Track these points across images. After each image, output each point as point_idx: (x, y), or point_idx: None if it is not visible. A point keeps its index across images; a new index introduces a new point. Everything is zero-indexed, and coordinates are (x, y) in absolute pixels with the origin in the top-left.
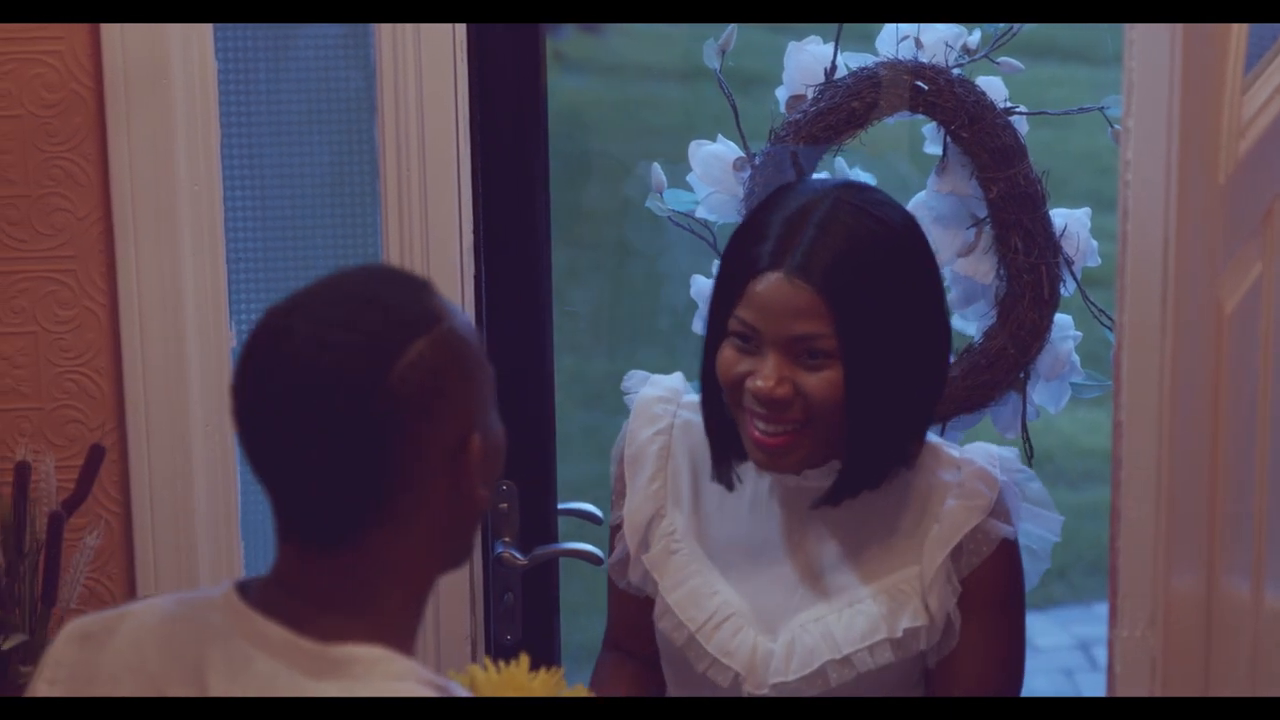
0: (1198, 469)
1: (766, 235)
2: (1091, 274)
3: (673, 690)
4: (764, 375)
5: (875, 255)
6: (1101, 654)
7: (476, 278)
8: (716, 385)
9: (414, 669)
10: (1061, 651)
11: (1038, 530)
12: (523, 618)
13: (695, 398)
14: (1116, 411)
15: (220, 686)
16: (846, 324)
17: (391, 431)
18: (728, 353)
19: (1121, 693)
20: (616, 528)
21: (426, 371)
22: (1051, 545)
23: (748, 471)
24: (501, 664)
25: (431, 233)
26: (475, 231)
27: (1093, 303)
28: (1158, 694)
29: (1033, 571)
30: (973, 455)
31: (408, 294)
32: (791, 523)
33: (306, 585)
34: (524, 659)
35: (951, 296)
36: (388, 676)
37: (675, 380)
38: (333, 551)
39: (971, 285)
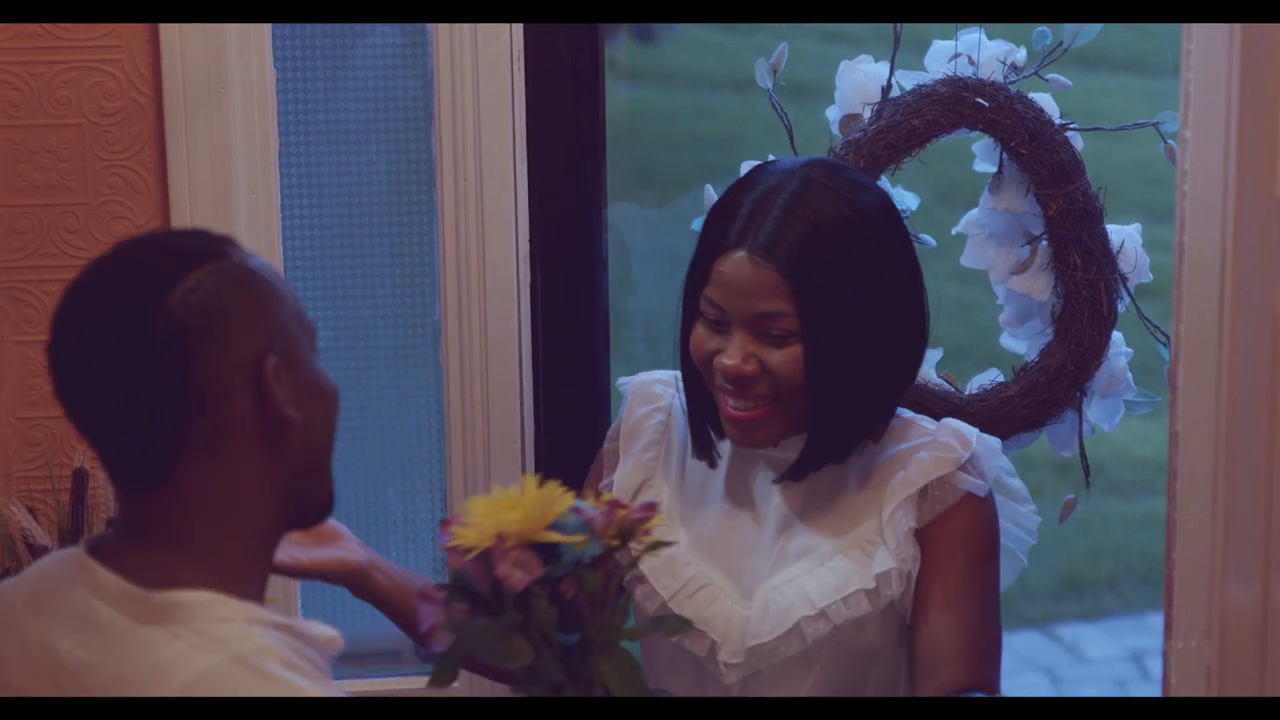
0: (1254, 480)
1: (735, 214)
2: (1143, 286)
3: (648, 666)
4: (729, 353)
5: (839, 236)
6: (1154, 665)
7: (532, 287)
8: (693, 363)
9: (245, 610)
10: (1114, 663)
11: (1014, 529)
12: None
13: None
14: (1172, 422)
15: (66, 638)
16: (807, 303)
17: (176, 355)
18: (699, 331)
19: None
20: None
21: (208, 294)
22: (1028, 546)
23: (725, 446)
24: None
25: (488, 242)
26: (531, 241)
27: (1148, 319)
28: None
29: (1008, 571)
30: (950, 423)
31: (193, 237)
32: (765, 493)
33: (136, 529)
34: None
35: (1005, 314)
36: (213, 620)
37: (673, 371)
38: (148, 488)
39: (1026, 302)
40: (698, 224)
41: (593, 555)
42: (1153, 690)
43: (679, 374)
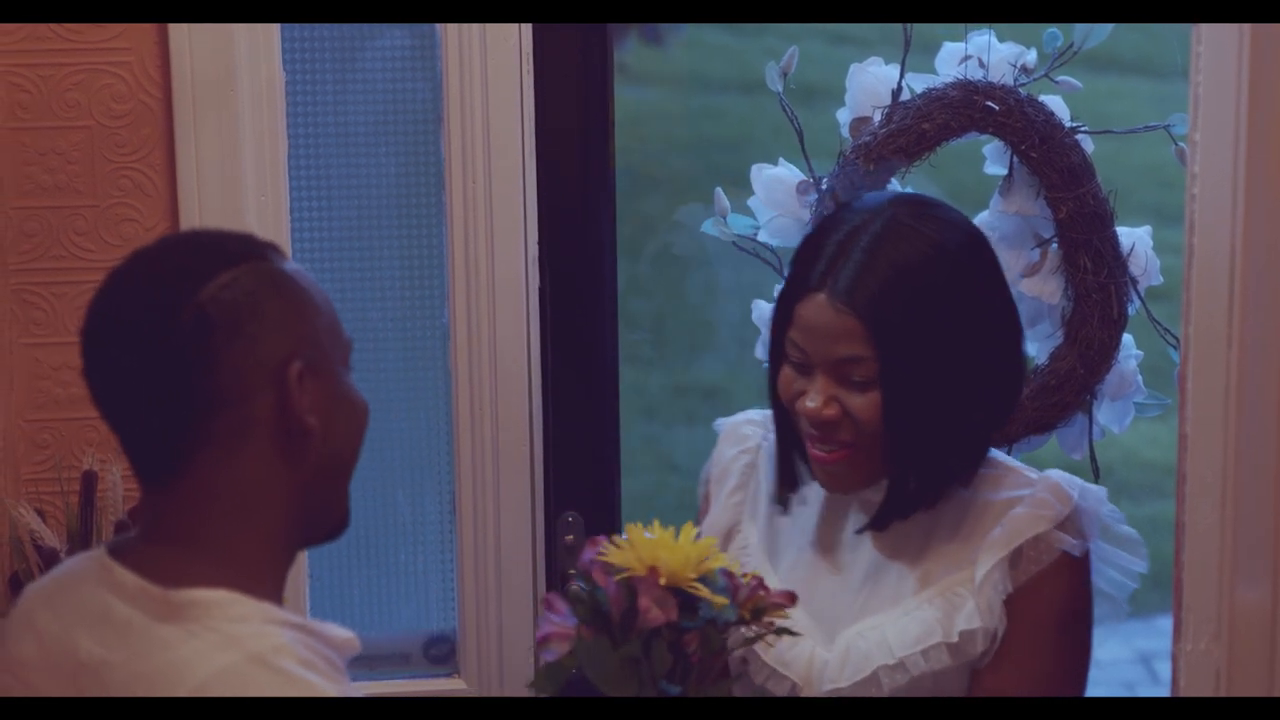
0: (1263, 482)
1: (819, 256)
2: (1153, 289)
3: None
4: (811, 397)
5: (921, 280)
6: (1162, 668)
7: (541, 290)
8: (778, 406)
9: (262, 610)
10: (1122, 665)
11: (1116, 574)
12: None
13: None
14: (1182, 425)
15: (86, 637)
16: (886, 350)
17: (200, 349)
18: (786, 372)
19: None
20: None
21: (239, 293)
22: (1129, 593)
23: (814, 486)
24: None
25: (496, 244)
26: (540, 243)
27: (1158, 321)
28: None
29: (1105, 616)
30: (1052, 475)
31: (237, 238)
32: (852, 536)
33: (156, 527)
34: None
35: None
36: (229, 619)
37: (767, 412)
38: (167, 483)
39: (1036, 305)
40: (708, 226)
41: (726, 620)
42: (1162, 693)
43: (768, 416)
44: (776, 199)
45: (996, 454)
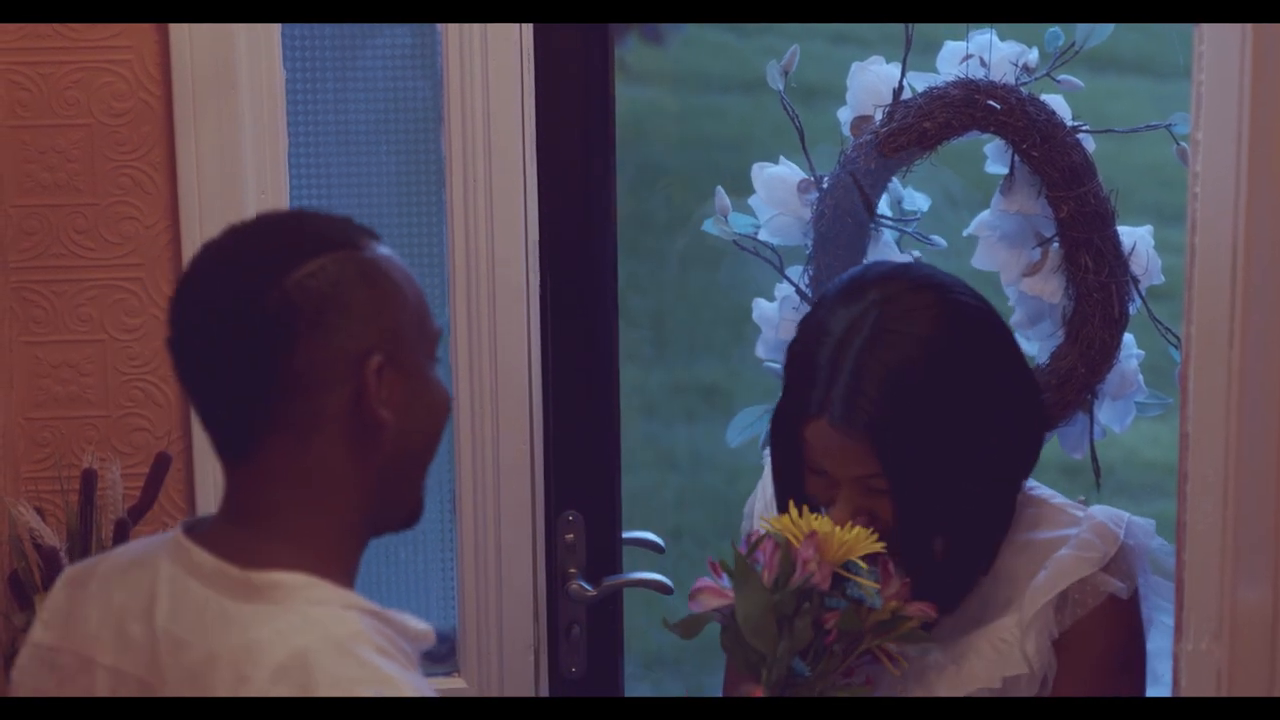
0: (1265, 482)
1: (814, 379)
2: (1154, 289)
3: None
4: (837, 512)
5: (918, 382)
6: (1162, 667)
7: (541, 288)
8: (795, 496)
9: (341, 595)
10: None
11: (1171, 606)
12: (588, 650)
13: None
14: (1183, 424)
15: (163, 615)
16: (893, 463)
17: (282, 334)
18: (812, 480)
19: None
20: None
21: (325, 282)
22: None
23: None
24: (811, 515)
25: (497, 242)
26: (540, 241)
27: (1159, 321)
28: None
29: (1160, 654)
30: (1097, 513)
31: (334, 223)
32: None
33: (233, 506)
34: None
35: (1016, 317)
36: (310, 601)
37: None
38: (241, 462)
39: (1038, 305)
40: (709, 225)
41: (871, 604)
42: (1162, 693)
43: None
44: (777, 197)
45: (1039, 489)
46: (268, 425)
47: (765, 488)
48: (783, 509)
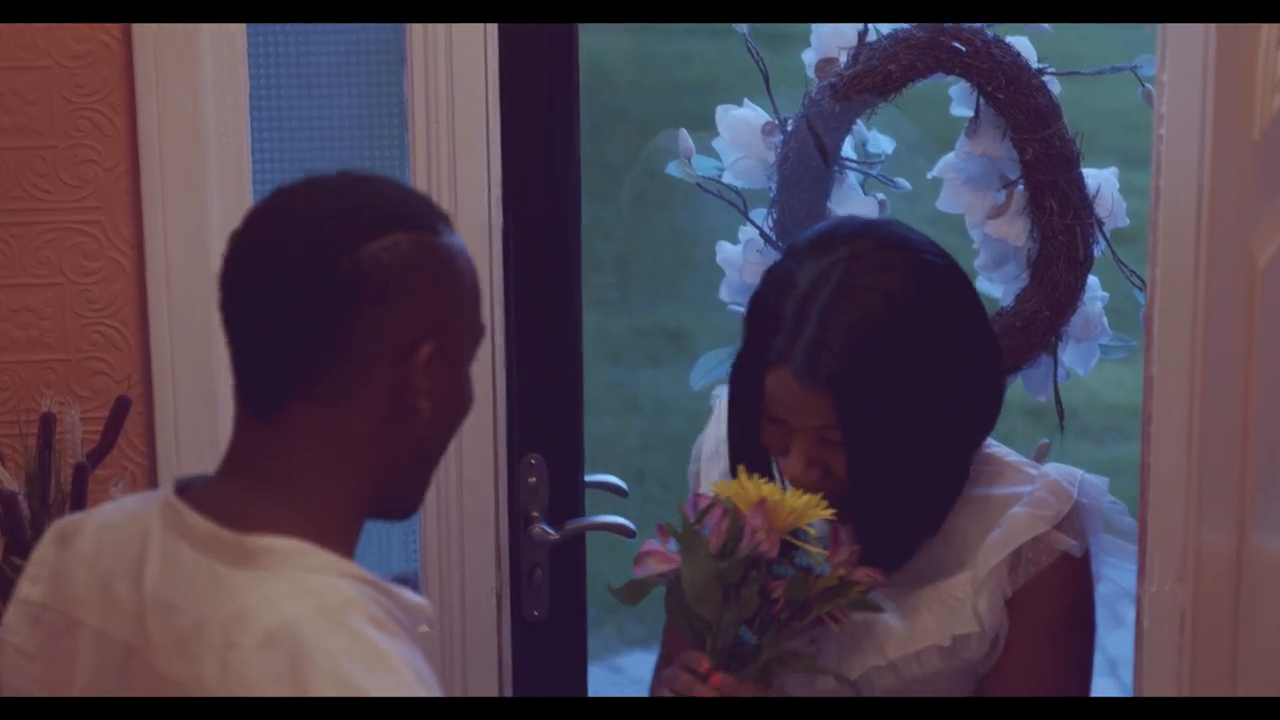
0: (1229, 424)
1: (777, 327)
2: (1119, 231)
3: None
4: (792, 463)
5: (884, 333)
6: (1124, 608)
7: (505, 232)
8: (751, 451)
9: (336, 563)
10: None
11: (1125, 566)
12: (550, 593)
13: None
14: (1147, 366)
15: (152, 579)
16: (850, 415)
17: (344, 301)
18: (768, 429)
19: (1150, 647)
20: None
21: (398, 260)
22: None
23: None
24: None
25: (460, 186)
26: (504, 185)
27: (1124, 263)
28: (1186, 648)
29: (1115, 611)
30: (1051, 471)
31: (416, 199)
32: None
33: (238, 463)
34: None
35: (981, 259)
36: (304, 569)
37: None
38: (263, 420)
39: (1002, 247)
40: (673, 168)
41: (820, 572)
42: (1124, 633)
43: None
44: (741, 140)
45: (994, 446)
46: (305, 391)
47: (715, 429)
48: (736, 457)
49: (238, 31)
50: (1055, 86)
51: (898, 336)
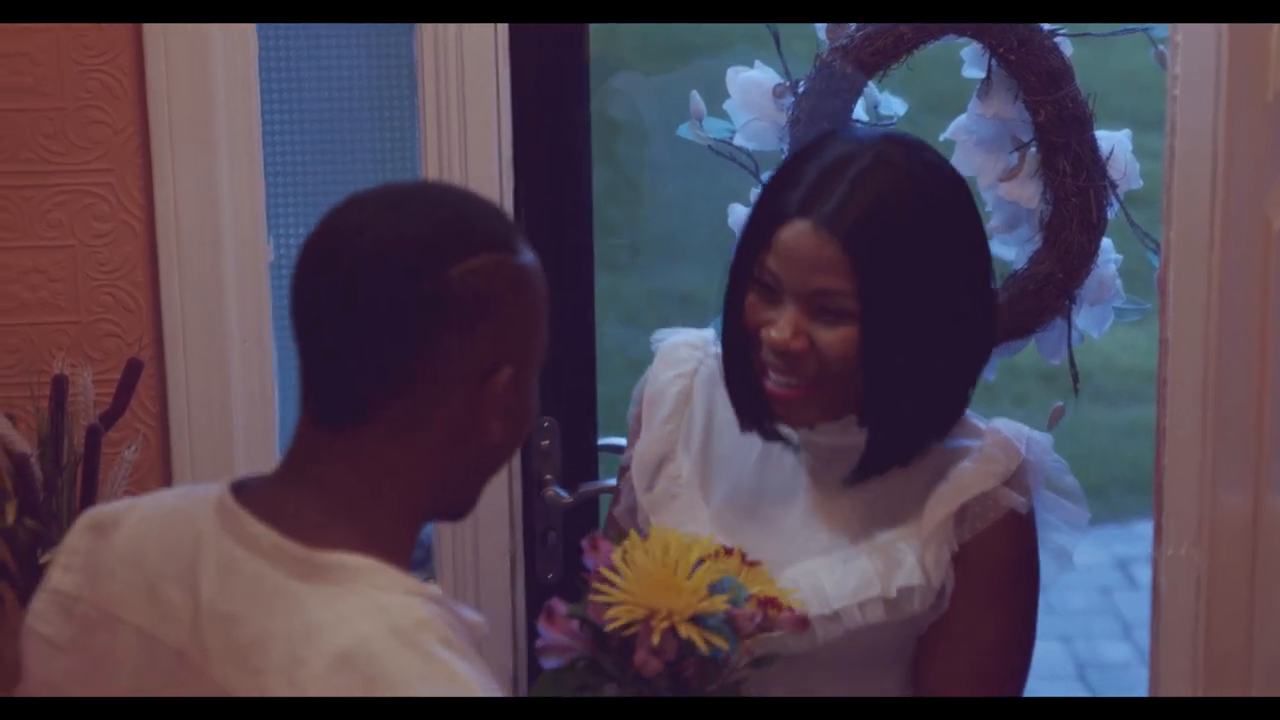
0: (1245, 387)
1: (800, 182)
2: (1132, 194)
3: None
4: (779, 327)
5: (910, 218)
6: (1139, 572)
7: (515, 194)
8: (736, 333)
9: (403, 580)
10: (1100, 570)
11: (1065, 526)
12: (564, 556)
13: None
14: (1162, 329)
15: (210, 587)
16: (869, 285)
17: (428, 323)
18: (752, 299)
19: (1167, 611)
20: (625, 469)
21: (485, 282)
22: (1074, 550)
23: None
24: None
25: (470, 146)
26: (515, 147)
27: (1137, 225)
28: (1202, 612)
29: (1052, 571)
30: (1000, 427)
31: (497, 218)
32: (797, 476)
33: (301, 473)
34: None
35: (994, 222)
36: (375, 586)
37: (705, 332)
38: (338, 430)
39: (1015, 209)
40: (684, 130)
41: (727, 655)
42: (1139, 597)
43: (707, 338)
44: (753, 102)
45: None
46: (379, 408)
47: (656, 377)
48: (727, 341)
49: None
50: (1067, 48)
51: (922, 221)
